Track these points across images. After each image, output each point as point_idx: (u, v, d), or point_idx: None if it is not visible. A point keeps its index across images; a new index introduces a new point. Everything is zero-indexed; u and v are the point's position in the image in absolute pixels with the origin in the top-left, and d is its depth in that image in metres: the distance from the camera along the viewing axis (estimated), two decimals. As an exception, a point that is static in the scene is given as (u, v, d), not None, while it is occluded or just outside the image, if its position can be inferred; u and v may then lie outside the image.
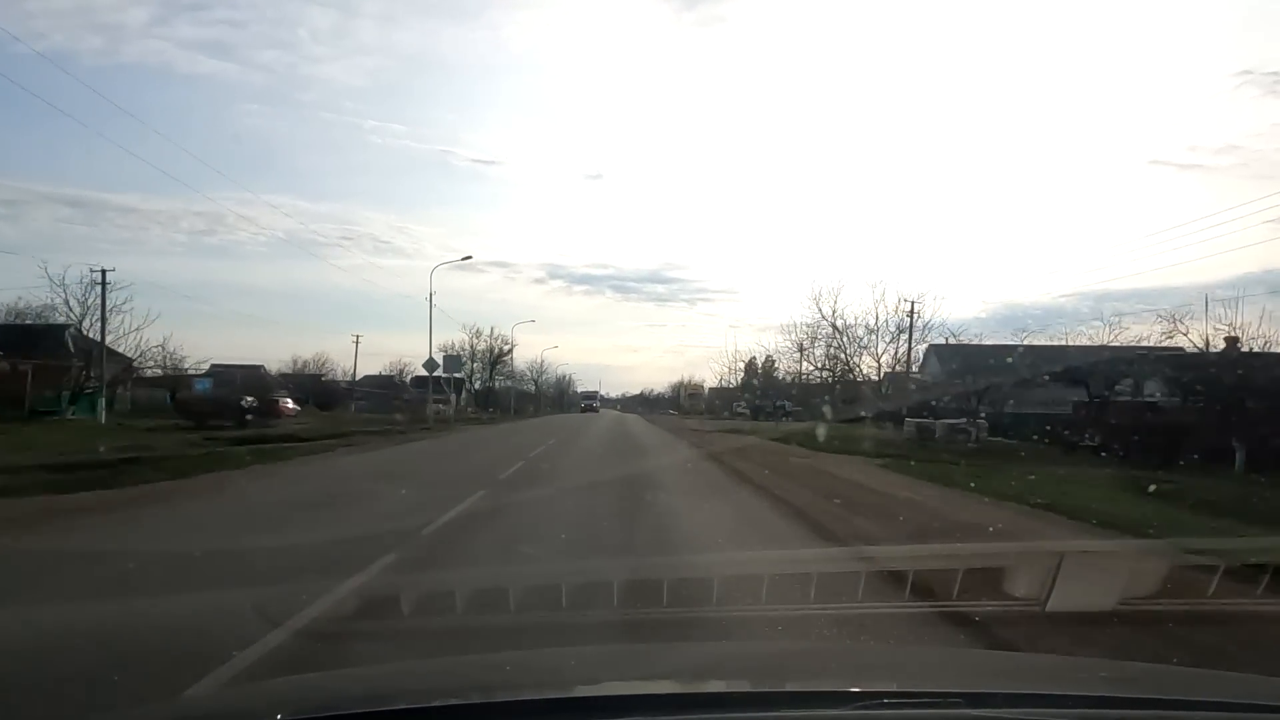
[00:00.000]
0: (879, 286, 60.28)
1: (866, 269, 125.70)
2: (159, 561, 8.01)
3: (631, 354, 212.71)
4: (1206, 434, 22.76)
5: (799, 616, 5.67)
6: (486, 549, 9.13)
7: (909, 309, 43.78)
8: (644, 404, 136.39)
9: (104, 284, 38.57)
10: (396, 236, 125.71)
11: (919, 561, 7.16)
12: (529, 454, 22.16)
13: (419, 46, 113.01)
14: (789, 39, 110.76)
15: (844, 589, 6.33)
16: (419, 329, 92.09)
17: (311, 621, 5.63)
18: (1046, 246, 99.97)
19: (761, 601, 5.82)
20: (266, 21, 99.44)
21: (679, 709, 1.94)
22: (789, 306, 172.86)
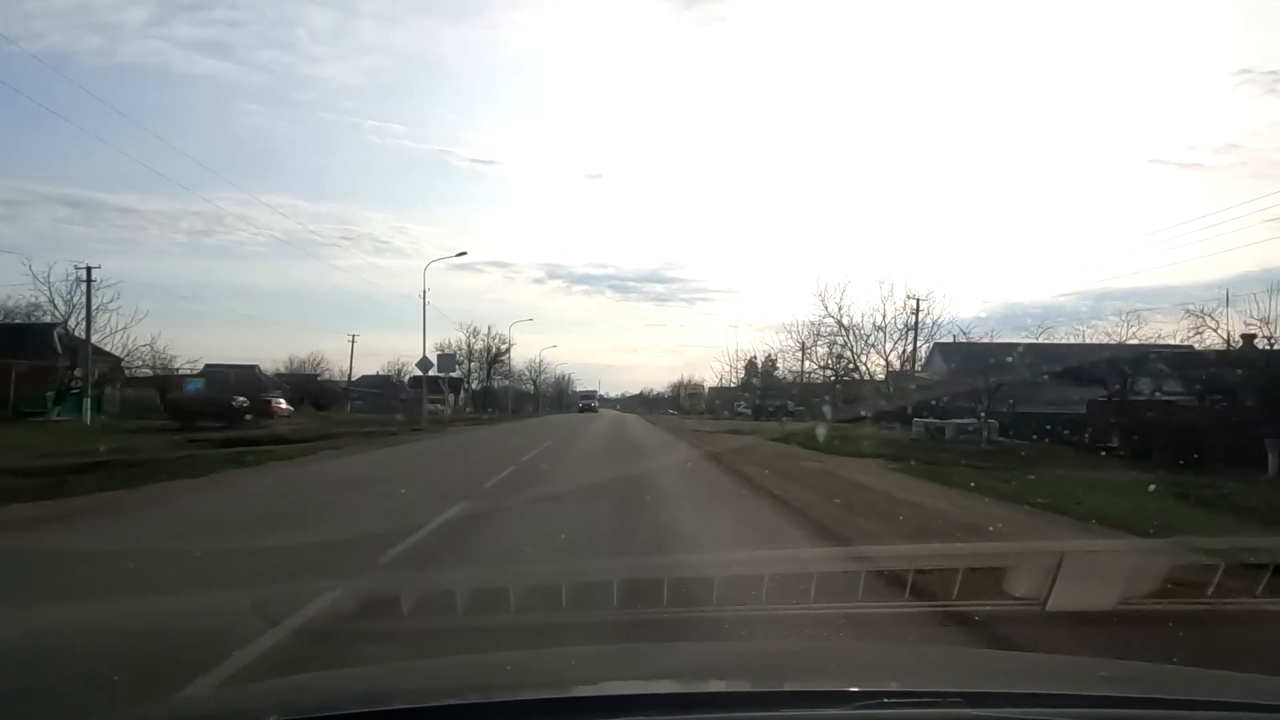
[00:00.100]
0: (887, 283, 60.00)
1: (866, 269, 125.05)
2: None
3: (631, 354, 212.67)
4: (1232, 435, 21.91)
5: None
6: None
7: (914, 307, 43.07)
8: (644, 404, 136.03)
9: (89, 281, 37.67)
10: (395, 236, 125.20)
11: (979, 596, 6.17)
12: (520, 458, 20.81)
13: (418, 46, 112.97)
14: (789, 39, 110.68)
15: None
16: (417, 329, 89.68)
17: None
18: (1046, 246, 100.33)
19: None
20: (265, 21, 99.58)
21: (679, 709, 1.92)
22: (788, 306, 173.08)
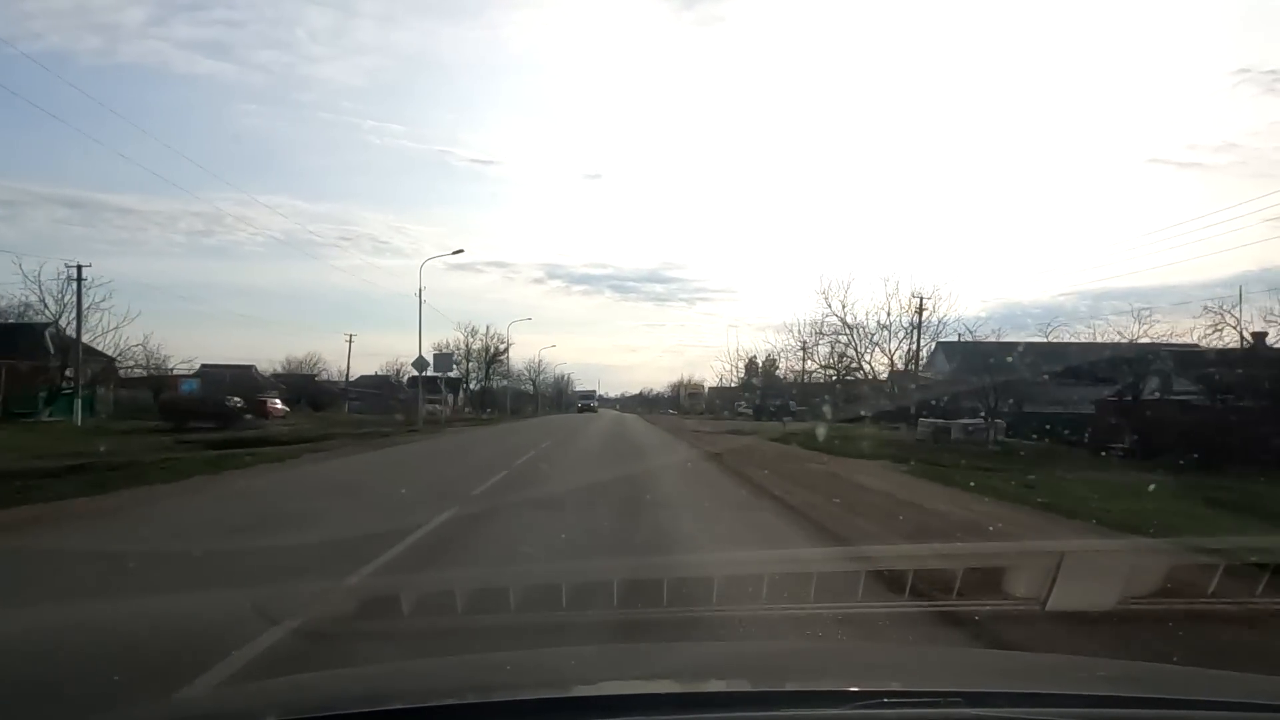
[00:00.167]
0: (892, 280, 59.54)
1: (865, 269, 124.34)
2: None
3: (631, 354, 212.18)
4: (1248, 435, 21.38)
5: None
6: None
7: (918, 305, 42.50)
8: (643, 404, 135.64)
9: (79, 280, 37.10)
10: (395, 237, 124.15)
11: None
12: (515, 461, 20.01)
13: (417, 46, 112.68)
14: (788, 39, 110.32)
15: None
16: (416, 329, 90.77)
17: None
18: (1046, 245, 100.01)
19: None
20: (264, 21, 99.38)
21: (679, 709, 1.92)
22: (788, 306, 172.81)
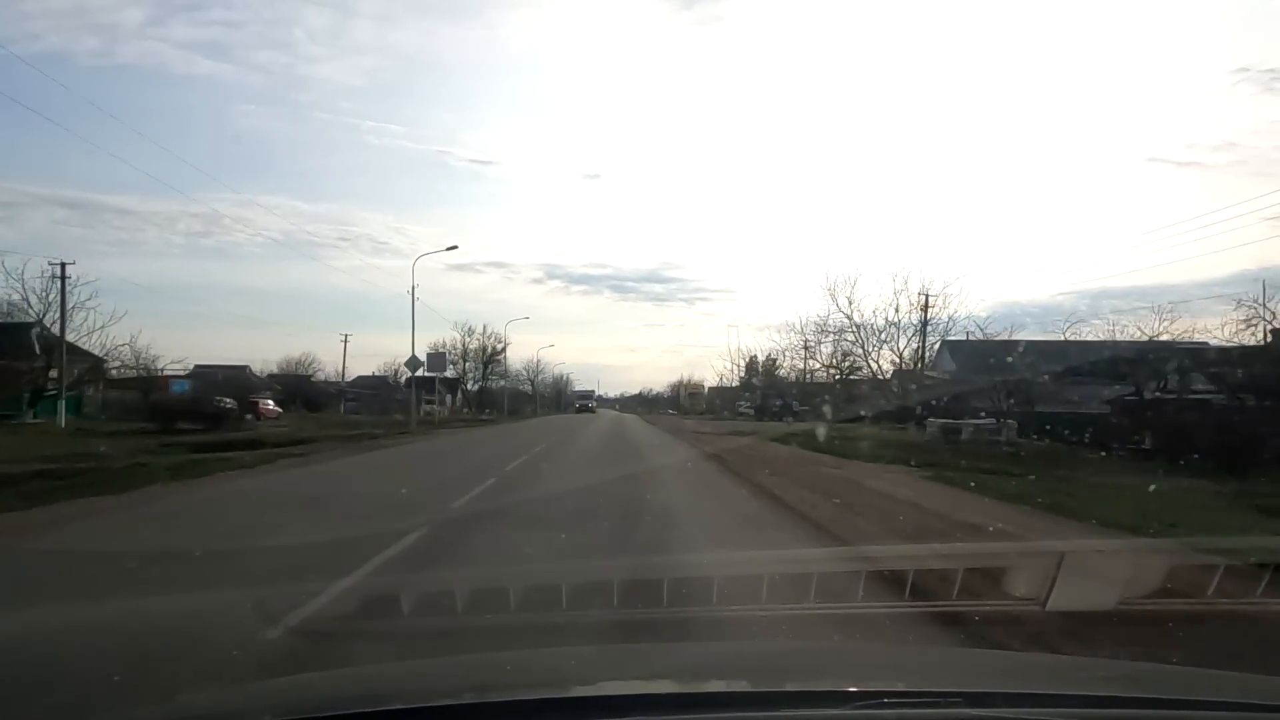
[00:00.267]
0: (900, 276, 58.77)
1: (864, 268, 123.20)
2: None
3: (630, 354, 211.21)
4: (1276, 435, 20.49)
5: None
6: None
7: (924, 303, 41.57)
8: (643, 404, 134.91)
9: (63, 278, 36.18)
10: (394, 237, 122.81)
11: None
12: (505, 466, 18.62)
13: (416, 46, 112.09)
14: (787, 39, 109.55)
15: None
16: (418, 328, 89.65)
17: None
18: (1044, 244, 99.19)
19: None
20: (263, 22, 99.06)
21: (679, 709, 1.90)
22: (787, 305, 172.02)
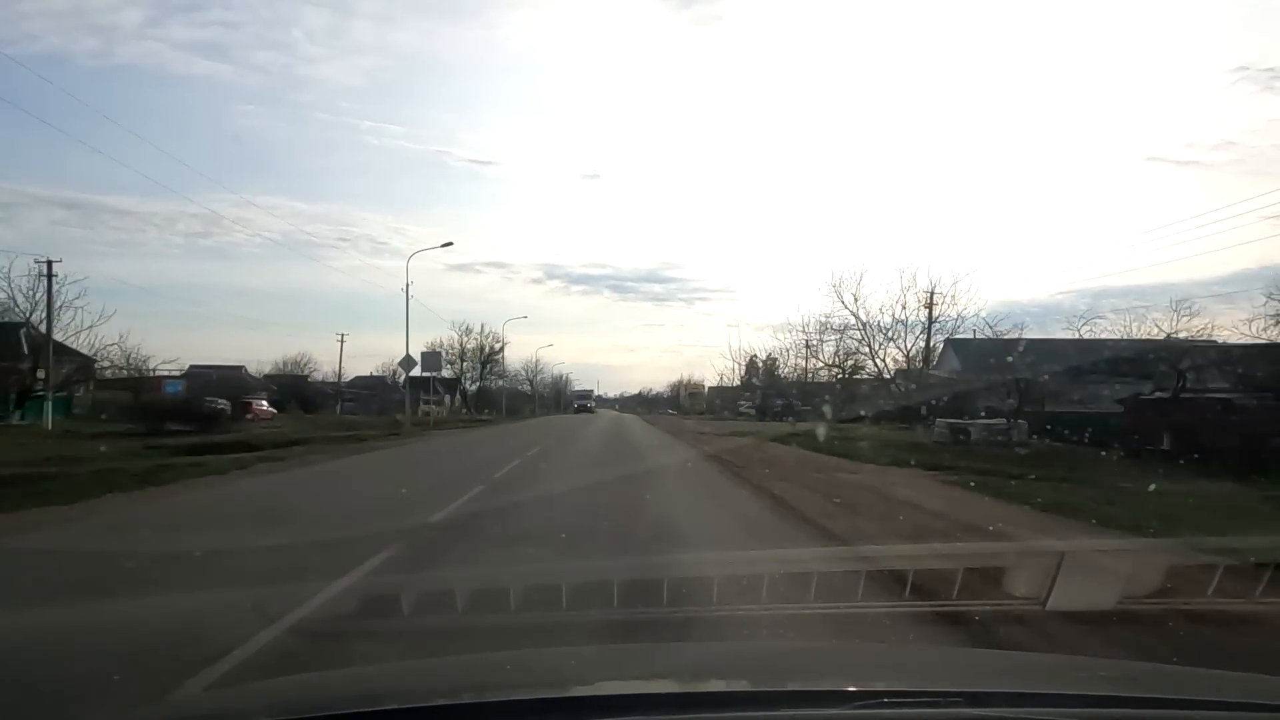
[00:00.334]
0: (908, 272, 58.00)
1: (863, 267, 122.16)
2: None
3: (630, 354, 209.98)
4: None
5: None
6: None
7: (929, 300, 40.74)
8: (643, 404, 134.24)
9: (50, 276, 35.30)
10: (393, 237, 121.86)
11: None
12: (494, 473, 17.45)
13: (415, 46, 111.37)
14: (785, 38, 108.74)
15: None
16: (415, 328, 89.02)
17: None
18: (1044, 244, 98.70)
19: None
20: (261, 22, 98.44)
21: (679, 709, 1.90)
22: (787, 305, 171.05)
